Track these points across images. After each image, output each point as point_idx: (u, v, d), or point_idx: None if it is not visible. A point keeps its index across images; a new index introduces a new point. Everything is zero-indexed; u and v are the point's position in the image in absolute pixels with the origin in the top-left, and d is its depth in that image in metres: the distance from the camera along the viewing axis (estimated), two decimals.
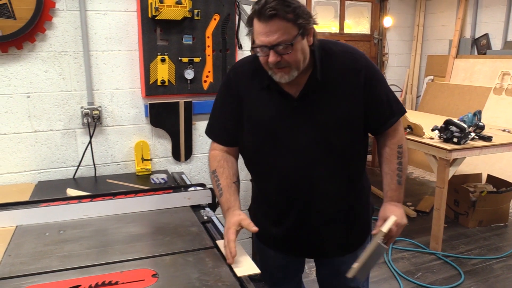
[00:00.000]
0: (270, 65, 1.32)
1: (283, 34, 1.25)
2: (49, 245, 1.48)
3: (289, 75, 1.34)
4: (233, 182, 1.52)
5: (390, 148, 1.52)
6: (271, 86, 1.42)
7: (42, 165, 2.30)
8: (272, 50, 1.28)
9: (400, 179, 1.53)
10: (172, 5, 2.25)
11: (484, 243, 3.60)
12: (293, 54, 1.29)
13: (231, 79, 1.53)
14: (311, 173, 1.44)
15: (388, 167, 1.53)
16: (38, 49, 2.19)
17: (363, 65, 1.44)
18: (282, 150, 1.44)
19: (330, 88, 1.40)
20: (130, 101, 2.40)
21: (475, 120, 3.58)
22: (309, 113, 1.41)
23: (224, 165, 1.53)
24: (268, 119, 1.44)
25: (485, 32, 5.63)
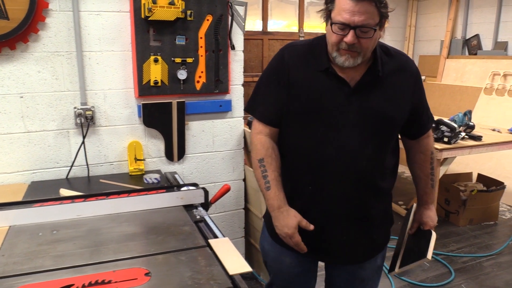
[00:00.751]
0: (342, 45, 1.33)
1: (370, 17, 1.27)
2: (43, 245, 1.49)
3: (355, 60, 1.36)
4: (280, 175, 1.50)
5: (425, 155, 1.62)
6: (330, 70, 1.42)
7: (35, 166, 2.31)
8: (353, 31, 1.29)
9: (433, 183, 1.65)
10: (165, 6, 2.26)
11: (474, 241, 3.65)
12: (369, 40, 1.32)
13: (284, 56, 1.50)
14: (349, 163, 1.44)
15: (422, 172, 1.64)
16: (31, 49, 2.19)
17: (414, 69, 1.53)
18: (325, 135, 1.43)
19: (385, 84, 1.44)
20: (123, 101, 2.41)
21: (466, 120, 3.62)
22: (361, 104, 1.42)
23: (273, 155, 1.50)
24: (321, 101, 1.43)
25: (476, 33, 5.69)
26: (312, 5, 5.78)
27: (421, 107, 1.55)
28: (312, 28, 5.79)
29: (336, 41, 1.34)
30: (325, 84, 1.43)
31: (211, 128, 2.63)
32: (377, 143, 1.46)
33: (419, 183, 1.66)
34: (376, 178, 1.50)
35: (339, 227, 1.51)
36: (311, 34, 5.64)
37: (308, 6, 5.74)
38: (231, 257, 1.38)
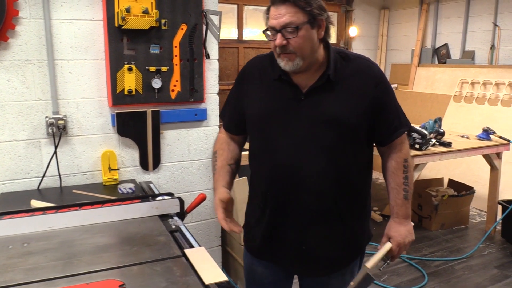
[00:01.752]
0: (277, 49, 1.38)
1: (291, 17, 1.33)
2: (13, 258, 1.45)
3: (293, 62, 1.38)
4: (228, 164, 1.59)
5: (396, 162, 1.52)
6: (282, 77, 1.46)
7: (4, 176, 2.25)
8: (279, 33, 1.34)
9: (407, 194, 1.51)
10: (139, 14, 2.25)
11: (446, 245, 3.74)
12: (298, 39, 1.34)
13: (245, 69, 1.62)
14: (300, 169, 1.44)
15: (394, 181, 1.52)
16: (0, 57, 2.14)
17: (376, 72, 1.49)
18: (277, 142, 1.47)
19: (339, 88, 1.43)
20: (96, 110, 2.38)
21: (436, 127, 3.72)
22: (313, 108, 1.43)
23: (224, 148, 1.63)
24: (273, 108, 1.48)
25: (445, 42, 5.88)
26: None
27: (386, 111, 1.49)
28: None
29: (272, 46, 1.40)
30: (279, 92, 1.48)
31: (187, 136, 2.62)
32: (332, 149, 1.44)
33: (391, 194, 1.54)
34: (333, 183, 1.46)
35: (298, 237, 1.51)
36: None
37: None
38: (207, 266, 1.37)
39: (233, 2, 5.56)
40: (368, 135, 1.50)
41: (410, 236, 1.53)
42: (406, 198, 1.51)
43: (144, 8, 2.25)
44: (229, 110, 1.66)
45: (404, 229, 1.52)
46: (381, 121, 1.49)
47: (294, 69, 1.39)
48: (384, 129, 1.50)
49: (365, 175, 1.58)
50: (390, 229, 1.54)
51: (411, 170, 1.54)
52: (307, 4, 1.34)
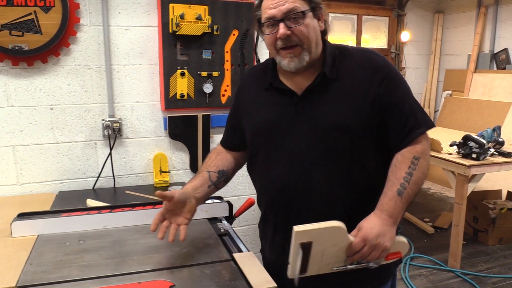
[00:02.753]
0: (279, 44, 1.23)
1: (294, 3, 1.20)
2: (70, 255, 1.50)
3: (300, 58, 1.23)
4: (207, 171, 1.48)
5: (403, 156, 1.26)
6: (274, 85, 1.33)
7: (63, 176, 2.35)
8: (282, 23, 1.20)
9: (403, 190, 1.21)
10: (192, 20, 2.30)
11: (504, 262, 3.53)
12: (304, 28, 1.21)
13: (242, 80, 1.56)
14: (307, 177, 1.29)
15: (393, 174, 1.25)
16: (62, 62, 2.26)
17: (381, 64, 1.29)
18: (279, 152, 1.33)
19: (338, 86, 1.27)
20: (149, 114, 2.44)
21: (495, 136, 3.53)
22: (311, 111, 1.27)
23: (212, 157, 1.54)
24: (268, 119, 1.34)
25: (505, 47, 5.58)
26: (336, 19, 5.79)
27: (397, 106, 1.26)
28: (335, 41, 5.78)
29: (271, 42, 1.24)
30: (272, 102, 1.34)
31: None
32: (332, 159, 1.27)
33: (385, 186, 1.25)
34: (338, 198, 1.28)
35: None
36: None
37: (332, 20, 5.75)
38: (255, 272, 1.36)
39: None
40: (378, 138, 1.29)
41: (384, 238, 1.17)
42: (400, 194, 1.21)
43: (198, 14, 2.30)
44: (227, 126, 1.57)
45: (381, 226, 1.18)
46: (391, 123, 1.27)
47: (300, 65, 1.24)
48: (396, 131, 1.27)
49: (379, 183, 1.29)
50: (365, 220, 1.21)
51: (421, 171, 1.24)
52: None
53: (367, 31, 6.10)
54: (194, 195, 1.41)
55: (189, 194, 1.40)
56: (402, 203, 1.22)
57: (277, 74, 1.36)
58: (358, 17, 5.95)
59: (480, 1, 5.83)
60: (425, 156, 1.27)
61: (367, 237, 1.17)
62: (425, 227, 4.13)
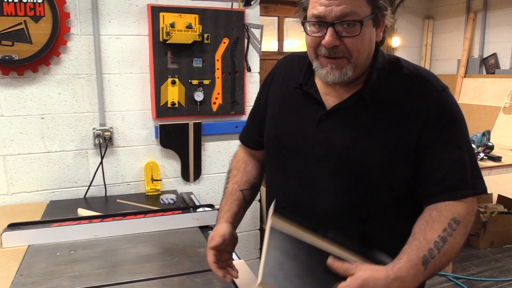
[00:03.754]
0: (321, 50, 1.00)
1: (354, 6, 0.94)
2: (60, 265, 1.50)
3: (341, 71, 1.00)
4: (240, 190, 1.28)
5: (440, 214, 1.00)
6: (303, 87, 1.12)
7: (54, 185, 2.35)
8: (332, 27, 0.95)
9: (430, 260, 0.94)
10: (183, 29, 2.31)
11: (495, 265, 3.55)
12: (358, 39, 0.96)
13: (271, 73, 1.28)
14: (315, 203, 1.09)
15: (422, 232, 0.98)
16: (52, 72, 2.26)
17: (436, 94, 1.03)
18: (289, 170, 1.16)
19: (375, 112, 1.03)
20: (141, 122, 2.45)
21: (484, 140, 3.57)
22: (333, 133, 1.06)
23: (241, 168, 1.33)
24: (285, 129, 1.16)
25: (494, 52, 5.65)
26: None
27: (441, 155, 1.01)
28: None
29: (312, 45, 1.01)
30: (296, 106, 1.14)
31: (227, 148, 2.65)
32: (346, 190, 1.05)
33: (410, 243, 0.98)
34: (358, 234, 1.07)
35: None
36: None
37: None
38: (246, 280, 1.37)
39: (274, 15, 5.60)
40: (408, 187, 1.05)
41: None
42: (425, 263, 0.94)
43: (188, 23, 2.31)
44: (249, 120, 1.37)
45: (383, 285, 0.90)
46: (427, 171, 1.02)
47: (339, 80, 1.01)
48: (431, 183, 1.02)
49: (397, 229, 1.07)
50: (368, 272, 0.92)
51: (457, 241, 0.98)
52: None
53: None
54: (234, 224, 1.25)
55: (233, 226, 1.24)
56: (423, 275, 0.94)
57: (312, 73, 1.13)
58: None
59: (469, 7, 5.91)
60: (467, 222, 1.01)
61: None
62: None
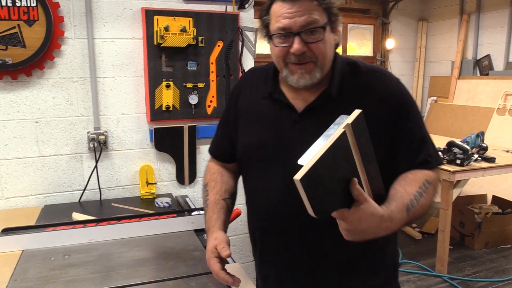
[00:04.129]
0: (290, 59, 1.09)
1: (314, 15, 1.05)
2: (55, 270, 1.50)
3: (311, 75, 1.10)
4: (223, 199, 1.34)
5: (415, 175, 1.11)
6: (273, 95, 1.20)
7: (48, 189, 2.34)
8: (298, 37, 1.05)
9: (411, 208, 1.03)
10: (177, 32, 2.31)
11: (490, 265, 3.57)
12: (322, 44, 1.07)
13: (237, 85, 1.37)
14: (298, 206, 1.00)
15: (403, 187, 1.08)
16: (46, 76, 2.25)
17: (393, 88, 1.16)
18: (271, 174, 1.21)
19: (342, 108, 1.06)
20: (135, 125, 2.44)
21: (478, 141, 3.59)
22: (311, 133, 1.07)
23: (217, 179, 1.38)
24: (261, 135, 1.22)
25: (487, 53, 5.70)
26: None
27: (407, 139, 1.13)
28: None
29: (281, 55, 1.10)
30: (269, 114, 1.21)
31: None
32: None
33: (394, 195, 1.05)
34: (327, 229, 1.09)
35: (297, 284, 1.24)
36: None
37: None
38: (242, 284, 1.37)
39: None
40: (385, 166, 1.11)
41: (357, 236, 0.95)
42: (408, 210, 1.02)
43: (182, 26, 2.31)
44: (219, 134, 1.42)
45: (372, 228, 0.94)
46: (399, 153, 1.14)
47: (310, 83, 1.11)
48: (405, 164, 1.14)
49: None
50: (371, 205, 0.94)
51: (428, 198, 1.09)
52: (327, 2, 1.08)
53: (353, 39, 6.18)
54: (225, 231, 1.31)
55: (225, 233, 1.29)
56: (405, 221, 1.03)
57: (278, 83, 1.23)
58: (344, 25, 6.02)
59: (463, 9, 5.95)
60: (435, 187, 1.14)
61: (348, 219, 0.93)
62: (412, 232, 4.17)
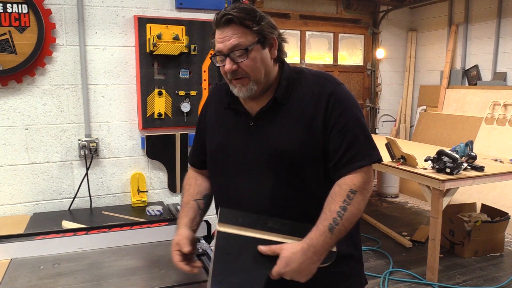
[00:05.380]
0: (228, 75, 1.26)
1: (238, 38, 1.22)
2: (44, 279, 1.48)
3: (247, 87, 1.26)
4: (194, 200, 1.47)
5: (340, 187, 1.24)
6: (231, 105, 1.36)
7: (38, 197, 2.31)
8: (228, 58, 1.23)
9: (334, 226, 1.19)
10: (170, 40, 2.31)
11: (480, 273, 3.59)
12: (249, 62, 1.23)
13: (207, 101, 1.53)
14: (255, 199, 1.30)
15: (328, 206, 1.23)
16: (37, 82, 2.24)
17: (331, 89, 1.29)
18: (233, 172, 1.36)
19: (288, 111, 1.29)
20: (127, 133, 2.43)
21: (467, 150, 3.63)
22: (261, 134, 1.31)
23: (191, 183, 1.52)
24: (223, 140, 1.38)
25: (475, 64, 5.77)
26: (313, 37, 5.90)
27: (338, 136, 1.25)
28: (314, 59, 5.90)
29: (223, 72, 1.28)
30: (229, 122, 1.38)
31: None
32: (278, 183, 1.28)
33: (320, 217, 1.22)
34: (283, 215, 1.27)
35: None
36: (313, 65, 5.74)
37: (309, 38, 5.86)
38: None
39: None
40: (323, 165, 1.29)
41: (301, 276, 1.17)
42: (331, 230, 1.18)
43: (175, 34, 2.32)
44: (194, 143, 1.57)
45: (301, 263, 1.16)
46: (331, 149, 1.26)
47: (248, 95, 1.27)
48: (334, 160, 1.26)
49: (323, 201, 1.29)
50: (288, 250, 1.18)
51: (356, 207, 1.22)
52: (255, 23, 1.23)
53: (344, 48, 6.23)
54: (192, 228, 1.42)
55: (192, 230, 1.41)
56: (332, 239, 1.20)
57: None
58: (335, 35, 6.07)
59: (451, 20, 6.04)
60: (362, 190, 1.24)
61: (283, 274, 1.17)
62: (403, 241, 4.18)
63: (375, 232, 4.40)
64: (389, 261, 3.73)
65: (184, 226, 1.40)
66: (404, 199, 5.61)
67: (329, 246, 1.20)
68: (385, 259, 3.78)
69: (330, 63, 6.09)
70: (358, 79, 6.35)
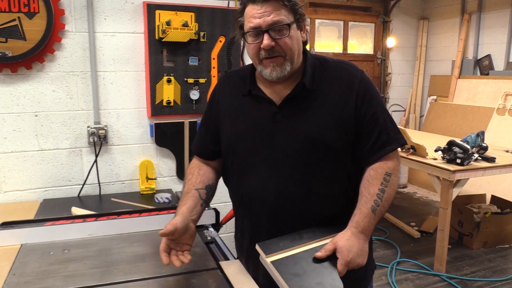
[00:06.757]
0: (262, 54, 1.24)
1: (279, 15, 1.20)
2: (54, 265, 1.48)
3: (282, 67, 1.25)
4: (195, 189, 1.43)
5: (376, 171, 1.29)
6: (252, 92, 1.33)
7: (47, 183, 2.33)
8: (267, 33, 1.20)
9: (376, 208, 1.25)
10: (179, 27, 2.30)
11: (489, 265, 3.57)
12: (288, 40, 1.22)
13: (216, 89, 1.48)
14: (284, 187, 1.29)
15: (366, 189, 1.27)
16: (47, 69, 2.23)
17: (358, 78, 1.31)
18: (256, 161, 1.33)
19: (317, 97, 1.29)
20: (136, 120, 2.43)
21: (478, 141, 3.58)
22: (289, 121, 1.29)
23: (194, 172, 1.48)
24: (245, 128, 1.34)
25: (488, 53, 5.68)
26: (323, 25, 5.83)
27: (370, 123, 1.29)
28: (323, 48, 5.84)
29: (255, 51, 1.25)
30: (250, 109, 1.34)
31: None
32: (308, 170, 1.28)
33: (358, 201, 1.28)
34: (312, 208, 1.30)
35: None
36: (322, 53, 5.68)
37: (319, 26, 5.79)
38: (242, 280, 1.36)
39: None
40: (352, 150, 1.31)
41: (361, 258, 1.22)
42: (374, 211, 1.25)
43: (184, 21, 2.30)
44: (201, 133, 1.52)
45: (358, 246, 1.21)
46: (364, 136, 1.29)
47: (281, 75, 1.25)
48: (368, 145, 1.29)
49: (353, 191, 1.34)
50: (342, 239, 1.22)
51: (392, 188, 1.28)
52: (293, 3, 1.23)
53: (354, 37, 6.16)
54: (191, 218, 1.38)
55: (188, 219, 1.36)
56: (375, 219, 1.26)
57: (255, 81, 1.36)
58: (345, 23, 6.00)
59: (464, 8, 5.93)
60: (396, 172, 1.30)
61: (349, 262, 1.18)
62: (411, 231, 4.16)
63: (383, 222, 4.39)
64: (397, 251, 3.72)
65: (180, 214, 1.36)
66: (412, 190, 5.58)
67: (373, 226, 1.26)
68: (393, 249, 3.77)
69: (340, 51, 6.03)
70: (367, 68, 6.28)
